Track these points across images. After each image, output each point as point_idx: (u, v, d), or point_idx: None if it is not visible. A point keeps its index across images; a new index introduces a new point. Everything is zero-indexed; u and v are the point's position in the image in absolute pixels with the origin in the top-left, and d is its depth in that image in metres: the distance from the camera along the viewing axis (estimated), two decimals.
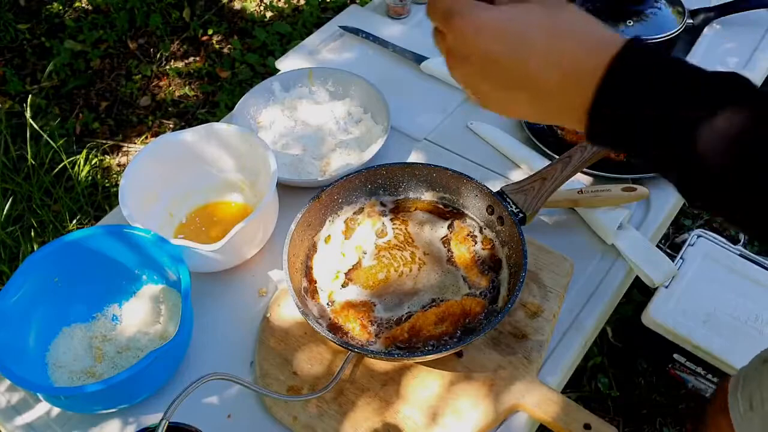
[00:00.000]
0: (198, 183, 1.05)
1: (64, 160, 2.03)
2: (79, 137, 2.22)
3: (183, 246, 0.87)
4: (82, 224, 1.93)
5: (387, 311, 0.86)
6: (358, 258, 0.92)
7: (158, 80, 2.41)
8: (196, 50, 2.51)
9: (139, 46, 2.53)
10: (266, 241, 0.99)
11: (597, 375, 1.61)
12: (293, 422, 0.81)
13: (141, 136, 2.23)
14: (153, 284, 0.94)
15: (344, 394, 0.83)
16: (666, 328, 1.41)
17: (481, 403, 0.81)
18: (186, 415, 0.70)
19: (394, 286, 0.89)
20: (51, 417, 0.85)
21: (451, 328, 0.84)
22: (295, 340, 0.88)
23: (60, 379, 0.85)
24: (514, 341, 0.86)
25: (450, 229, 0.94)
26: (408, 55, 1.27)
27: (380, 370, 0.85)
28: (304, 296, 0.88)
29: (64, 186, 2.03)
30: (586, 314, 0.92)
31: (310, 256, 0.92)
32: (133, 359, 0.87)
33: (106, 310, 0.93)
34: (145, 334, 0.90)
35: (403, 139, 1.15)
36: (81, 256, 0.89)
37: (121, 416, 0.85)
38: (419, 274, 0.90)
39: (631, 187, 1.00)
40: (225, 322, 0.93)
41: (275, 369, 0.86)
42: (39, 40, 2.55)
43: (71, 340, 0.89)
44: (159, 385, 0.85)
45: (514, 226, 0.87)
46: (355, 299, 0.88)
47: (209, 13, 2.62)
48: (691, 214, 1.90)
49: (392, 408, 0.82)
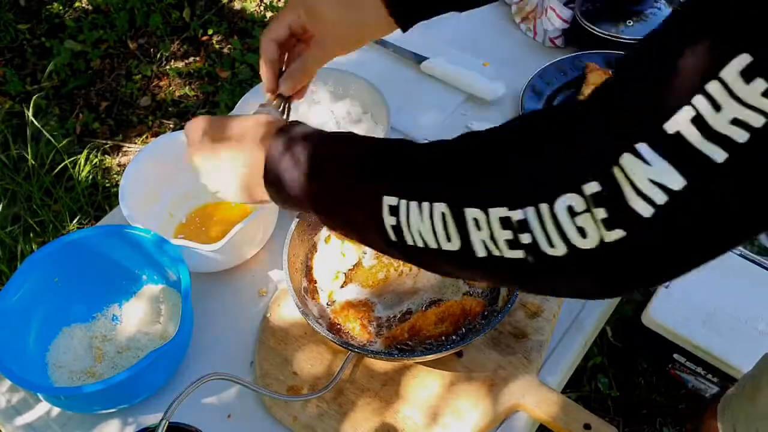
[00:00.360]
0: (198, 183, 1.04)
1: (65, 160, 2.03)
2: (80, 137, 2.23)
3: (183, 246, 0.87)
4: (82, 224, 1.93)
5: (387, 311, 0.86)
6: (358, 258, 0.92)
7: (158, 80, 2.41)
8: (196, 50, 2.51)
9: (139, 46, 2.53)
10: (266, 241, 0.99)
11: (597, 375, 1.61)
12: (293, 422, 0.81)
13: (141, 136, 2.23)
14: (153, 284, 0.94)
15: (344, 394, 0.83)
16: (666, 328, 1.41)
17: (480, 403, 0.81)
18: (186, 415, 0.70)
19: (394, 286, 0.89)
20: (51, 417, 0.85)
21: (451, 328, 0.84)
22: (295, 340, 0.88)
23: (60, 379, 0.85)
24: (514, 341, 0.86)
25: None
26: (408, 55, 1.27)
27: (380, 370, 0.85)
28: (304, 296, 0.88)
29: (64, 186, 2.03)
30: (586, 314, 0.92)
31: (310, 256, 0.92)
32: (133, 359, 0.87)
33: (106, 310, 0.93)
34: (145, 334, 0.90)
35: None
36: (81, 256, 0.89)
37: (121, 416, 0.85)
38: (419, 274, 0.90)
39: None
40: (225, 322, 0.93)
41: (275, 369, 0.86)
42: (39, 40, 2.55)
43: (71, 340, 0.89)
44: (159, 385, 0.85)
45: None
46: (355, 299, 0.88)
47: (209, 13, 2.62)
48: None
49: (392, 408, 0.82)
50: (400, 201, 0.51)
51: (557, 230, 0.42)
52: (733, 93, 0.34)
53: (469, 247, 0.47)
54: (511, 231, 0.44)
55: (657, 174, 0.37)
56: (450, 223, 0.48)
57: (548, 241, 0.42)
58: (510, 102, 1.18)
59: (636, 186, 0.38)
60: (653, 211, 0.38)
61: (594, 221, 0.40)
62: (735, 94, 0.34)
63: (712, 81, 0.35)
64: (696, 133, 0.35)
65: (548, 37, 1.27)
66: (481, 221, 0.46)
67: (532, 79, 1.17)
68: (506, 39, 1.31)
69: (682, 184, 0.37)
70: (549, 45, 1.28)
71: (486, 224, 0.45)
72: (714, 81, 0.35)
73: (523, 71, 1.19)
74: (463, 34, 1.32)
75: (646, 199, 0.38)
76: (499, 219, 0.44)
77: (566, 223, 0.41)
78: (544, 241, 0.43)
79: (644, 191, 0.38)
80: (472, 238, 0.47)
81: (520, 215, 0.43)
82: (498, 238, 0.45)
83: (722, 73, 0.34)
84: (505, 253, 0.45)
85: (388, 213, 0.52)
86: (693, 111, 0.35)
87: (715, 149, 0.35)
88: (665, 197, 0.37)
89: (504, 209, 0.44)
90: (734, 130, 0.34)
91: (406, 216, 0.51)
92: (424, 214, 0.49)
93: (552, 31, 1.25)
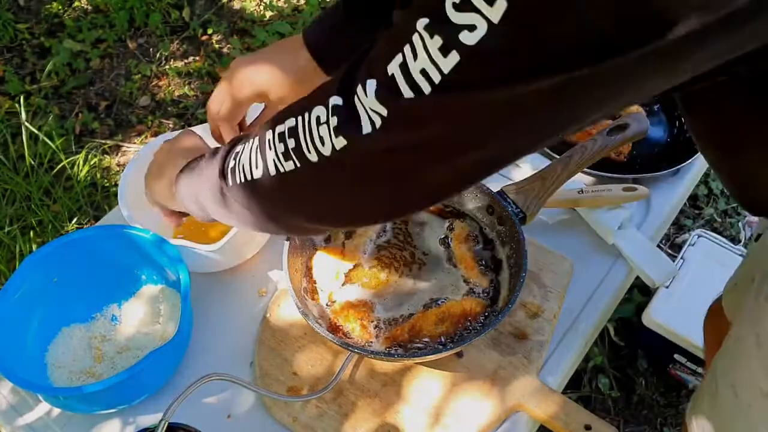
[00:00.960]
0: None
1: (64, 160, 2.03)
2: (79, 137, 2.22)
3: (183, 246, 0.87)
4: (81, 224, 1.93)
5: (387, 311, 0.86)
6: (359, 258, 0.92)
7: (158, 80, 2.41)
8: (195, 50, 2.51)
9: (138, 45, 2.53)
10: (266, 241, 0.98)
11: (597, 375, 1.61)
12: (293, 423, 0.81)
13: (141, 136, 2.22)
14: (152, 284, 0.94)
15: (344, 394, 0.83)
16: (666, 328, 1.41)
17: (481, 404, 0.81)
18: (186, 415, 0.70)
19: (394, 286, 0.89)
20: (51, 418, 0.85)
21: (451, 328, 0.84)
22: (295, 340, 0.88)
23: (59, 380, 0.85)
24: (514, 341, 0.86)
25: (450, 229, 0.93)
26: None
27: (380, 370, 0.85)
28: (304, 296, 0.88)
29: (63, 186, 2.03)
30: (587, 314, 0.92)
31: (310, 256, 0.92)
32: (133, 359, 0.87)
33: (106, 311, 0.93)
34: (145, 334, 0.90)
35: None
36: (80, 256, 0.89)
37: (120, 416, 0.85)
38: (419, 274, 0.89)
39: (632, 187, 0.99)
40: (225, 322, 0.93)
41: (275, 369, 0.86)
42: (38, 40, 2.54)
43: (70, 340, 0.89)
44: (159, 385, 0.85)
45: (514, 226, 0.87)
46: (355, 299, 0.87)
47: (209, 13, 2.62)
48: (691, 215, 1.90)
49: (392, 408, 0.82)
50: (236, 146, 0.61)
51: (312, 137, 0.50)
52: (425, 45, 0.40)
53: (267, 170, 0.55)
54: (283, 144, 0.53)
55: (372, 104, 0.45)
56: (255, 149, 0.56)
57: (307, 146, 0.51)
58: None
59: (365, 107, 0.46)
60: (370, 130, 0.46)
61: (328, 129, 0.48)
62: (426, 47, 0.40)
63: (414, 33, 0.41)
64: (401, 76, 0.43)
65: None
66: (271, 140, 0.54)
67: None
68: None
69: (386, 112, 0.45)
70: None
71: (273, 142, 0.54)
72: (415, 34, 0.41)
73: None
74: None
75: (369, 120, 0.46)
76: (278, 134, 0.53)
77: (314, 130, 0.50)
78: (305, 146, 0.51)
79: (368, 113, 0.46)
80: (267, 158, 0.55)
81: (291, 123, 0.52)
82: (279, 152, 0.53)
83: (418, 26, 0.41)
84: (285, 167, 0.53)
85: (232, 159, 0.61)
86: (401, 58, 0.42)
87: (407, 91, 0.42)
88: (380, 121, 0.45)
89: (282, 126, 0.53)
90: (421, 79, 0.41)
91: (239, 157, 0.59)
92: (247, 147, 0.58)
93: None
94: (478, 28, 0.38)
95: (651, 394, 1.59)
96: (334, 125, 0.48)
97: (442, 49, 0.40)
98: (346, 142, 0.48)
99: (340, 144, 0.48)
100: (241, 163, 0.59)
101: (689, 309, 1.40)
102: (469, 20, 0.38)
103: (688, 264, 1.47)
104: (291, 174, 0.53)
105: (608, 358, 1.64)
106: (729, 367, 0.80)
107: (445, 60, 0.40)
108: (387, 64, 0.43)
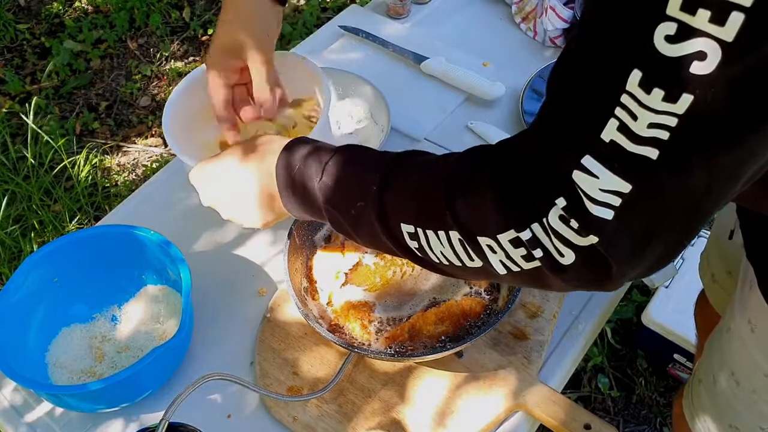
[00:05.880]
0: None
1: (64, 160, 2.03)
2: (79, 137, 2.22)
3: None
4: (81, 224, 1.93)
5: (387, 311, 0.86)
6: (359, 258, 0.92)
7: (158, 80, 2.41)
8: (196, 50, 2.51)
9: (139, 46, 2.53)
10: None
11: (597, 375, 1.62)
12: (293, 422, 0.81)
13: (141, 136, 2.23)
14: (153, 284, 0.94)
15: (344, 394, 0.83)
16: (666, 328, 1.41)
17: (481, 404, 0.81)
18: (186, 415, 0.70)
19: (395, 286, 0.89)
20: (52, 417, 0.85)
21: (451, 328, 0.84)
22: (295, 340, 0.88)
23: (60, 379, 0.85)
24: (514, 341, 0.86)
25: None
26: (408, 55, 1.27)
27: (380, 370, 0.85)
28: (304, 296, 0.88)
29: (63, 186, 2.03)
30: (586, 314, 0.92)
31: (310, 256, 0.92)
32: (133, 359, 0.87)
33: (106, 311, 0.93)
34: (145, 334, 0.90)
35: (403, 139, 1.15)
36: (81, 256, 0.89)
37: (121, 416, 0.85)
38: (420, 274, 0.90)
39: None
40: (225, 322, 0.93)
41: (275, 369, 0.86)
42: (39, 40, 2.55)
43: (71, 340, 0.89)
44: (159, 384, 0.85)
45: None
46: (356, 299, 0.87)
47: (209, 13, 2.62)
48: None
49: (392, 408, 0.82)
50: (416, 228, 0.56)
51: (559, 239, 0.47)
52: (641, 102, 0.39)
53: (489, 265, 0.53)
54: (524, 248, 0.50)
55: (606, 184, 0.42)
56: (468, 247, 0.53)
57: (557, 250, 0.48)
58: (510, 102, 1.18)
59: (591, 197, 0.43)
60: (613, 213, 0.43)
61: (573, 231, 0.46)
62: (643, 103, 0.39)
63: (624, 94, 0.40)
64: (625, 139, 0.40)
65: (548, 37, 1.27)
66: (494, 246, 0.51)
67: (532, 79, 1.17)
68: (506, 39, 1.31)
69: (628, 187, 0.42)
70: (549, 45, 1.28)
71: (499, 248, 0.51)
72: (624, 94, 0.40)
73: (523, 71, 1.19)
74: (463, 34, 1.32)
75: (604, 205, 0.43)
76: (509, 241, 0.50)
77: (563, 230, 0.46)
78: (554, 251, 0.48)
79: (599, 199, 0.43)
80: (491, 259, 0.52)
81: (528, 234, 0.49)
82: (513, 256, 0.51)
83: (627, 87, 0.39)
84: (523, 266, 0.51)
85: (408, 238, 0.57)
86: (617, 121, 0.40)
87: (646, 149, 0.40)
88: (619, 200, 0.42)
89: (511, 232, 0.49)
90: (654, 131, 0.39)
91: (426, 241, 0.56)
92: (443, 240, 0.55)
93: (552, 31, 1.25)
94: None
95: (650, 394, 1.59)
96: (577, 227, 0.45)
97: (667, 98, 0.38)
98: (597, 239, 0.45)
99: (588, 242, 0.45)
100: (435, 250, 0.56)
101: (689, 309, 1.40)
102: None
103: (687, 264, 1.47)
104: (533, 270, 0.51)
105: (608, 357, 1.64)
106: (726, 358, 0.81)
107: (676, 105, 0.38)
108: (599, 132, 0.41)
